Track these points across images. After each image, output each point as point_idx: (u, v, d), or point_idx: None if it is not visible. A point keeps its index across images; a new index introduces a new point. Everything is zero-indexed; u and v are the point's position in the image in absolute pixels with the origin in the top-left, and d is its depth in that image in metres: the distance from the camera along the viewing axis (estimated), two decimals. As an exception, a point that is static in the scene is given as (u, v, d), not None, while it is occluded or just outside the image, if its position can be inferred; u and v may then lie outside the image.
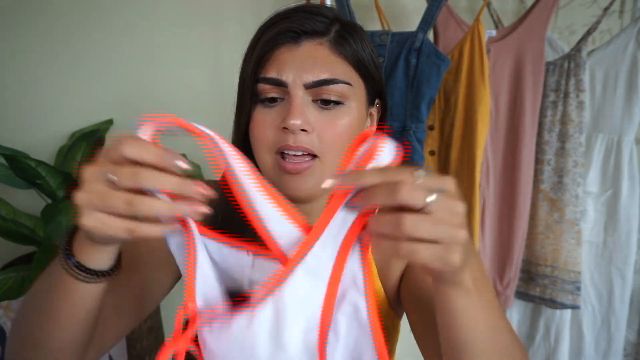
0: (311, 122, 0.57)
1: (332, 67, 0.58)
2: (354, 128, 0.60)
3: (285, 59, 0.58)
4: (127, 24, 1.45)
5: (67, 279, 0.44)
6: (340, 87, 0.58)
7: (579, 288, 1.39)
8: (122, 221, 0.38)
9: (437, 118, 1.39)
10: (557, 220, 1.41)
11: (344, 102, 0.59)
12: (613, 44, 1.38)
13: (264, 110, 0.59)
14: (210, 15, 1.49)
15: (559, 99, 1.39)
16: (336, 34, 0.59)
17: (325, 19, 0.60)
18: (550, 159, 1.42)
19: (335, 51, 0.59)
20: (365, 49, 0.61)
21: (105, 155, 0.38)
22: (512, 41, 1.37)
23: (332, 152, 0.58)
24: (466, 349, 0.42)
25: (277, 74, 0.57)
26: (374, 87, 0.63)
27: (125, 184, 0.37)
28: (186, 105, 1.51)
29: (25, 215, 1.29)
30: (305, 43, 0.58)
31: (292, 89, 0.57)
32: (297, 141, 0.56)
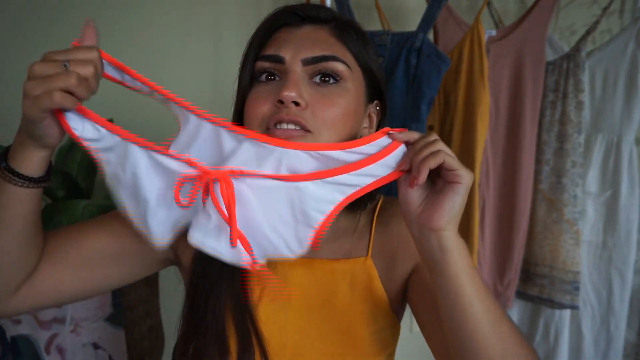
0: (306, 98, 0.57)
1: (332, 48, 0.59)
2: (351, 111, 0.59)
3: (285, 38, 0.59)
4: (127, 24, 1.45)
5: (1, 182, 0.53)
6: (338, 65, 0.58)
7: (577, 288, 1.39)
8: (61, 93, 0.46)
9: (436, 118, 1.39)
10: (556, 220, 1.41)
11: (341, 81, 0.59)
12: (613, 44, 1.37)
13: (261, 87, 0.60)
14: (210, 15, 1.49)
15: (557, 99, 1.39)
16: (338, 23, 0.61)
17: (329, 12, 0.61)
18: (549, 159, 1.42)
19: (337, 36, 0.60)
20: (366, 47, 0.62)
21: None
22: (512, 41, 1.37)
23: (326, 129, 0.57)
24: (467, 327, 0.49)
25: (275, 50, 0.58)
26: (373, 82, 0.63)
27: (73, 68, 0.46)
28: (186, 105, 1.51)
29: (25, 215, 1.29)
30: (306, 26, 0.60)
31: (290, 65, 0.57)
32: (290, 113, 0.56)
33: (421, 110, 1.27)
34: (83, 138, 0.52)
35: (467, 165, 1.32)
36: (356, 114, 0.61)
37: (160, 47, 1.48)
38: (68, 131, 0.51)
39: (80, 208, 1.12)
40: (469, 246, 1.33)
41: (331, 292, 0.65)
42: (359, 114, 0.62)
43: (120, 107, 1.48)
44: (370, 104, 0.65)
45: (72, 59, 0.47)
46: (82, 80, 0.46)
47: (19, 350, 1.14)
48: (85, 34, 0.51)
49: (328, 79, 0.58)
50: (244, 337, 0.62)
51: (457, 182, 0.50)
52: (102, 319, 1.19)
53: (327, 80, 0.58)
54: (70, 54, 0.47)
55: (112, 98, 1.48)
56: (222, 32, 1.50)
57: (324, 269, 0.66)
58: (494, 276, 1.45)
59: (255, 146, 0.52)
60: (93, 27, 0.52)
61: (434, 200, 0.52)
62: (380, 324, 0.66)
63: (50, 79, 0.45)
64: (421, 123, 1.28)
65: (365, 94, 0.63)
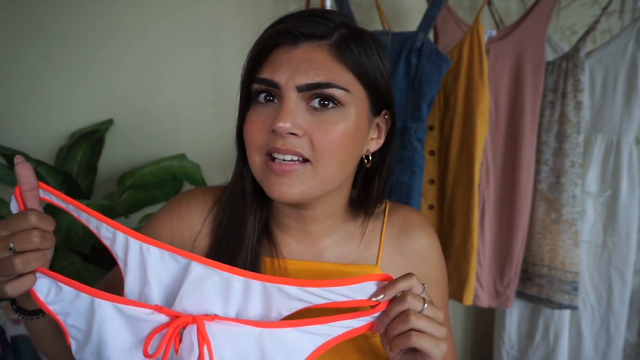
0: (302, 125, 0.55)
1: (329, 71, 0.55)
2: (351, 135, 0.57)
3: (280, 60, 0.56)
4: (127, 25, 1.45)
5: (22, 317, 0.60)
6: (335, 91, 0.55)
7: (576, 288, 1.39)
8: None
9: (436, 118, 1.39)
10: (554, 221, 1.41)
11: (340, 105, 0.56)
12: (613, 44, 1.37)
13: (258, 110, 0.58)
14: (210, 16, 1.49)
15: (556, 99, 1.39)
16: (339, 38, 0.57)
17: (331, 23, 0.57)
18: (548, 159, 1.42)
19: (334, 55, 0.56)
20: (371, 57, 0.58)
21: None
22: (512, 41, 1.37)
23: (326, 158, 0.56)
24: None
25: (270, 74, 0.56)
26: (379, 97, 0.61)
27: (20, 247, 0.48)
28: (186, 104, 1.51)
29: (25, 215, 1.29)
30: (303, 45, 0.56)
31: (285, 91, 0.55)
32: (286, 144, 0.55)
33: (421, 110, 1.28)
34: (48, 302, 0.52)
35: (466, 165, 1.33)
36: (357, 135, 0.59)
37: (160, 49, 1.48)
38: (34, 297, 0.52)
39: (80, 208, 1.12)
40: (469, 246, 1.34)
41: None
42: (361, 134, 0.60)
43: (120, 107, 1.49)
44: (377, 117, 0.63)
45: (15, 236, 0.48)
46: (31, 259, 0.48)
47: (19, 350, 1.14)
48: (21, 176, 0.51)
49: (327, 104, 0.56)
50: None
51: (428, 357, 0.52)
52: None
53: (326, 105, 0.56)
54: (10, 227, 0.48)
55: (112, 98, 1.49)
56: (222, 33, 1.50)
57: (335, 272, 0.66)
58: (494, 276, 1.45)
59: (224, 280, 0.52)
60: (25, 163, 0.51)
61: (412, 357, 0.53)
62: None
63: (1, 269, 0.48)
64: (421, 123, 1.28)
65: (369, 110, 0.60)
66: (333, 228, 0.67)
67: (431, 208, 1.42)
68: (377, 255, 0.67)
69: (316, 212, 0.64)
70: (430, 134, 1.39)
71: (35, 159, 1.19)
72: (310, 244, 0.67)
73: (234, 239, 0.64)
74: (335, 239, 0.67)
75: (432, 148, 1.40)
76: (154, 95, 1.49)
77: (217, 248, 0.65)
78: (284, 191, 0.57)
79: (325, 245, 0.67)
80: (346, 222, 0.68)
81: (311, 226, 0.66)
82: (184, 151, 1.47)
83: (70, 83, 1.43)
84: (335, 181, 0.60)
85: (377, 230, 0.69)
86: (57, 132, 1.44)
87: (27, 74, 1.41)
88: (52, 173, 1.21)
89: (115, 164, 1.49)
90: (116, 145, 1.48)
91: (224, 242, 0.65)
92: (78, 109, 1.46)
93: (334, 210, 0.66)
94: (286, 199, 0.58)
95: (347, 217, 0.68)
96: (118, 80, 1.46)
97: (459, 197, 1.35)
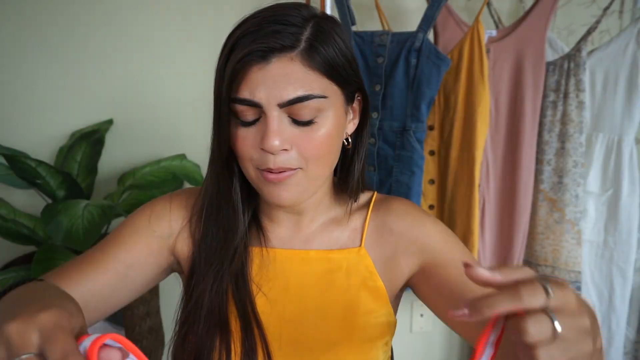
0: (289, 139, 0.58)
1: (306, 82, 0.56)
2: (332, 135, 0.60)
3: (257, 79, 0.56)
4: (127, 24, 1.45)
5: None
6: (315, 102, 0.57)
7: (579, 288, 1.39)
8: None
9: (436, 118, 1.39)
10: (557, 221, 1.41)
11: (320, 114, 0.58)
12: (613, 44, 1.38)
13: (244, 129, 0.60)
14: (210, 15, 1.49)
15: (558, 99, 1.39)
16: (307, 44, 0.56)
17: (294, 27, 0.56)
18: (550, 159, 1.42)
19: (307, 64, 0.57)
20: (338, 51, 0.59)
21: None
22: (512, 41, 1.37)
23: (314, 162, 0.60)
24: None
25: (250, 94, 0.57)
26: (351, 88, 0.63)
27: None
28: (186, 104, 1.51)
29: (25, 215, 1.29)
30: (275, 60, 0.56)
31: (267, 110, 0.57)
32: (277, 163, 0.58)
33: (421, 110, 1.28)
34: None
35: (466, 165, 1.33)
36: (339, 130, 0.62)
37: (160, 49, 1.48)
38: None
39: (80, 208, 1.12)
40: (469, 246, 1.33)
41: (328, 281, 0.67)
42: (341, 126, 0.63)
43: (120, 107, 1.48)
44: (351, 103, 0.65)
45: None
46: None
47: (19, 350, 1.14)
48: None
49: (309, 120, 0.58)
50: (246, 323, 0.64)
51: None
52: (102, 319, 1.19)
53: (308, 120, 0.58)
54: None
55: (112, 98, 1.49)
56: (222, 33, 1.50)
57: (320, 259, 0.68)
58: (494, 276, 1.45)
59: None
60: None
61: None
62: (376, 312, 0.67)
63: None
64: (420, 123, 1.28)
65: (344, 101, 0.62)
66: (320, 215, 0.70)
67: (431, 208, 1.42)
68: (361, 238, 0.69)
69: (305, 203, 0.67)
70: (431, 134, 1.39)
71: (35, 159, 1.19)
72: (298, 231, 0.70)
73: (223, 233, 0.66)
74: (323, 224, 0.70)
75: (432, 148, 1.40)
76: (154, 95, 1.49)
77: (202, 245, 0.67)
78: (282, 196, 0.60)
79: (315, 232, 0.70)
80: (333, 208, 0.71)
81: (300, 215, 0.69)
82: (184, 151, 1.47)
83: (70, 83, 1.43)
84: (325, 176, 0.63)
85: (362, 216, 0.71)
86: (57, 132, 1.44)
87: (27, 74, 1.41)
88: (52, 173, 1.21)
89: (115, 164, 1.49)
90: (116, 145, 1.48)
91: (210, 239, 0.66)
92: (78, 109, 1.45)
93: (320, 198, 0.69)
94: (284, 203, 0.61)
95: (333, 203, 0.71)
96: (118, 80, 1.46)
97: (459, 197, 1.35)
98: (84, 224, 1.08)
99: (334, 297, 0.67)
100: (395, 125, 1.30)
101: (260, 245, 0.68)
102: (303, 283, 0.67)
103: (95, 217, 1.10)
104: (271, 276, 0.67)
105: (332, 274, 0.67)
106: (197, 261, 0.67)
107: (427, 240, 0.67)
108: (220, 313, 0.64)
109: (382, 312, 0.68)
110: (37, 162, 1.18)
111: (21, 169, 1.17)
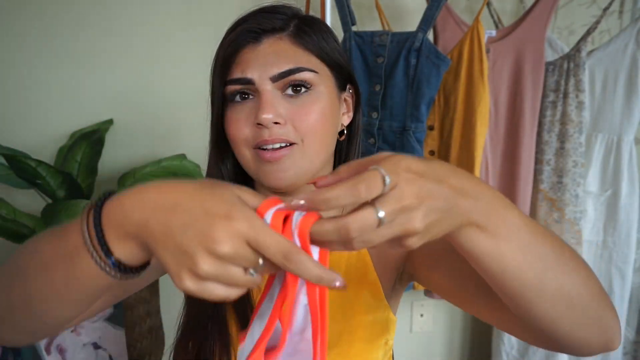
0: (283, 113, 0.59)
1: (295, 58, 0.60)
2: (327, 112, 0.62)
3: (248, 58, 0.60)
4: (128, 24, 1.45)
5: (93, 268, 0.40)
6: (305, 74, 0.60)
7: (578, 288, 1.39)
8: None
9: (436, 118, 1.39)
10: (557, 220, 1.41)
11: (311, 88, 0.60)
12: (613, 44, 1.38)
13: (236, 108, 0.61)
14: (210, 15, 1.49)
15: (558, 99, 1.40)
16: (295, 28, 0.61)
17: (283, 15, 0.61)
18: (550, 159, 1.42)
19: (296, 43, 0.61)
20: (327, 40, 0.63)
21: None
22: (511, 41, 1.37)
23: (310, 137, 0.60)
24: (514, 292, 0.43)
25: (242, 73, 0.60)
26: (342, 73, 0.65)
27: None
28: (186, 105, 1.51)
29: (25, 215, 1.29)
30: (265, 40, 0.60)
31: (260, 85, 0.59)
32: (272, 134, 0.58)
33: (421, 110, 1.28)
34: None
35: (466, 165, 1.33)
36: (333, 111, 0.63)
37: (160, 49, 1.48)
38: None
39: (80, 208, 1.12)
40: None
41: None
42: (335, 108, 0.64)
43: (120, 107, 1.48)
44: (343, 92, 0.67)
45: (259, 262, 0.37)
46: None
47: (19, 350, 1.14)
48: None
49: (300, 89, 0.60)
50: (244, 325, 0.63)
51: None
52: (102, 319, 1.19)
53: (299, 90, 0.60)
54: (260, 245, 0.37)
55: (112, 98, 1.49)
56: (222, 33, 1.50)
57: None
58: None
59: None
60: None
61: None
62: (375, 311, 0.67)
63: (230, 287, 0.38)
64: (420, 123, 1.28)
65: (336, 86, 0.65)
66: None
67: (431, 208, 1.42)
68: None
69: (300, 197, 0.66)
70: (431, 134, 1.39)
71: (35, 159, 1.19)
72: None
73: None
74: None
75: (432, 148, 1.40)
76: (154, 95, 1.49)
77: None
78: (281, 177, 0.60)
79: None
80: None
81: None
82: (184, 151, 1.47)
83: (70, 83, 1.43)
84: (321, 157, 0.63)
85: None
86: (57, 132, 1.44)
87: (27, 74, 1.41)
88: (52, 173, 1.21)
89: (115, 164, 1.49)
90: (116, 145, 1.48)
91: None
92: (78, 109, 1.45)
93: None
94: (283, 183, 0.61)
95: None
96: (118, 80, 1.46)
97: (459, 197, 1.35)
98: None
99: (333, 297, 0.66)
100: (395, 125, 1.30)
101: None
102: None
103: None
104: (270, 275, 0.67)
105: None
106: None
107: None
108: (220, 316, 0.64)
109: (381, 311, 0.67)
110: (37, 162, 1.18)
111: (21, 169, 1.17)
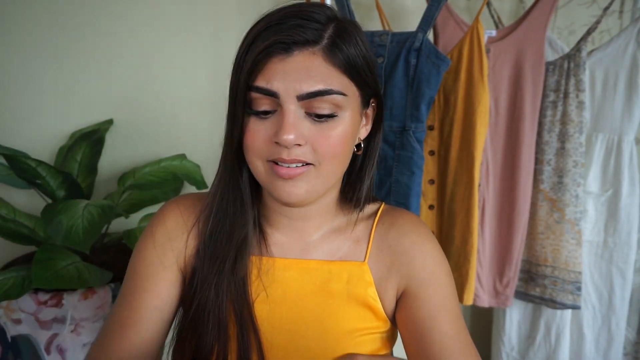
0: (305, 134, 0.57)
1: (326, 77, 0.56)
2: (348, 135, 0.59)
3: (276, 69, 0.56)
4: (127, 25, 1.45)
5: None
6: (334, 97, 0.57)
7: (579, 288, 1.39)
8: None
9: (436, 118, 1.39)
10: (557, 221, 1.41)
11: (338, 112, 0.58)
12: (613, 44, 1.38)
13: (257, 121, 0.58)
14: (210, 15, 1.49)
15: (558, 99, 1.39)
16: (329, 41, 0.57)
17: (318, 24, 0.57)
18: (550, 159, 1.42)
19: (328, 60, 0.56)
20: (359, 52, 0.59)
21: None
22: (512, 41, 1.37)
23: (327, 160, 0.58)
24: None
25: (267, 83, 0.56)
26: (368, 91, 0.62)
27: None
28: (186, 104, 1.51)
29: (25, 215, 1.29)
30: (297, 53, 0.56)
31: (285, 102, 0.56)
32: (290, 155, 0.57)
33: (421, 110, 1.27)
34: None
35: (466, 165, 1.33)
36: (353, 131, 0.61)
37: (160, 49, 1.48)
38: None
39: (80, 208, 1.12)
40: (469, 246, 1.33)
41: (326, 293, 0.66)
42: (356, 128, 0.62)
43: (120, 107, 1.49)
44: (366, 108, 0.64)
45: None
46: None
47: (20, 350, 1.14)
48: None
49: (324, 117, 0.57)
50: (242, 328, 0.63)
51: None
52: (102, 319, 1.19)
53: (323, 117, 0.57)
54: None
55: (112, 98, 1.49)
56: (222, 33, 1.50)
57: (320, 270, 0.66)
58: (493, 275, 1.45)
59: None
60: None
61: None
62: (374, 327, 0.66)
63: None
64: (420, 123, 1.28)
65: (361, 104, 0.62)
66: (326, 223, 0.68)
67: (431, 208, 1.42)
68: (365, 252, 0.67)
69: (311, 208, 0.66)
70: (430, 134, 1.39)
71: (35, 159, 1.19)
72: (299, 239, 0.68)
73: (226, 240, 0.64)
74: (325, 232, 0.68)
75: (432, 148, 1.40)
76: (154, 95, 1.49)
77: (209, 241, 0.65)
78: (292, 192, 0.58)
79: (315, 240, 0.68)
80: (337, 217, 0.69)
81: (304, 222, 0.67)
82: (184, 151, 1.47)
83: (70, 83, 1.43)
84: (336, 177, 0.62)
85: (368, 228, 0.69)
86: (57, 132, 1.44)
87: (27, 74, 1.41)
88: (52, 173, 1.21)
89: (115, 164, 1.49)
90: (116, 145, 1.48)
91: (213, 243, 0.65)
92: (78, 109, 1.45)
93: (326, 207, 0.67)
94: (294, 200, 0.59)
95: (338, 212, 0.70)
96: (118, 80, 1.46)
97: (459, 197, 1.35)
98: (84, 224, 1.08)
99: (332, 309, 0.65)
100: (394, 125, 1.30)
101: (260, 251, 0.67)
102: (301, 292, 0.66)
103: (95, 217, 1.10)
104: (270, 283, 0.66)
105: (331, 285, 0.66)
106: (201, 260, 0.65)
107: (419, 269, 0.66)
108: (219, 317, 0.63)
109: (381, 327, 0.67)
110: (37, 162, 1.18)
111: (21, 169, 1.17)
